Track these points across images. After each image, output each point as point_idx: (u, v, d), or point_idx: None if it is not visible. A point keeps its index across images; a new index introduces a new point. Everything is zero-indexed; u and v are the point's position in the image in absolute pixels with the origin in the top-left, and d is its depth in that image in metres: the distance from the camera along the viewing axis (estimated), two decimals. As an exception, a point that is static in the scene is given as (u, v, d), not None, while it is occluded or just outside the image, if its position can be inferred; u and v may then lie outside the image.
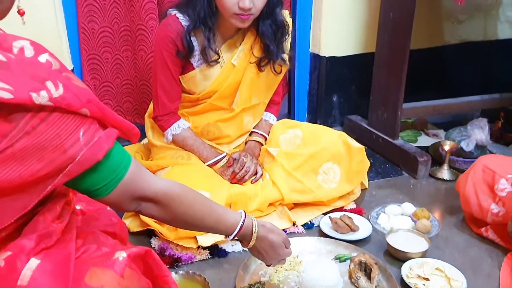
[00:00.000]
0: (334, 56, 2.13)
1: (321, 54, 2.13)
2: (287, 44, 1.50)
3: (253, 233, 0.99)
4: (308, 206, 1.48)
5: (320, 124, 2.19)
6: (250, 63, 1.47)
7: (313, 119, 2.26)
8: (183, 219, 0.88)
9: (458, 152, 1.80)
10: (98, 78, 1.83)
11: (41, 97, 0.60)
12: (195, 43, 1.39)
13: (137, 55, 1.82)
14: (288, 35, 1.48)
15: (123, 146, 0.79)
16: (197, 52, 1.40)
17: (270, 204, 1.43)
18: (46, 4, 1.63)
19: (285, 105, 2.28)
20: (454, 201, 1.52)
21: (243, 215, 0.97)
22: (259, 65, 1.47)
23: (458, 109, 2.06)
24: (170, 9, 1.40)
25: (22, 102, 0.59)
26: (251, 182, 1.45)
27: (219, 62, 1.43)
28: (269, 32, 1.41)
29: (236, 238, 0.96)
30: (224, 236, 0.97)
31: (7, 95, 0.58)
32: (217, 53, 1.40)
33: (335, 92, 2.21)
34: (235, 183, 1.44)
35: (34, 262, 0.69)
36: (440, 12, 2.26)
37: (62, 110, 0.63)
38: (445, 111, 2.05)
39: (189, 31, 1.35)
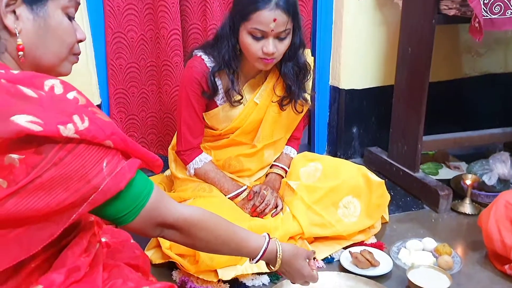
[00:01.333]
0: (353, 89, 2.16)
1: (340, 87, 2.16)
2: (309, 84, 1.54)
3: (278, 258, 0.99)
4: (328, 240, 1.48)
5: (340, 155, 2.23)
6: (272, 102, 1.51)
7: (333, 151, 2.28)
8: (205, 244, 0.90)
9: (480, 186, 1.78)
10: (124, 111, 1.90)
11: (68, 130, 0.65)
12: (219, 83, 1.44)
13: (162, 89, 1.89)
14: (310, 76, 1.53)
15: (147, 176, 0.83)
16: (221, 91, 1.45)
17: (290, 238, 1.43)
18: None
19: (305, 136, 2.30)
20: (477, 236, 1.50)
21: (267, 239, 0.98)
22: (281, 104, 1.51)
23: (479, 142, 2.04)
24: (196, 50, 1.46)
25: (51, 134, 0.64)
26: (271, 216, 1.46)
27: (242, 102, 1.48)
28: (291, 74, 1.45)
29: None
30: (248, 259, 0.98)
31: (37, 128, 0.62)
32: (240, 94, 1.45)
33: (355, 124, 2.23)
34: (256, 216, 1.46)
35: None
36: (459, 45, 2.28)
37: (87, 142, 0.67)
38: (466, 143, 2.04)
39: (214, 73, 1.41)
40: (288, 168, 1.63)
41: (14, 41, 0.73)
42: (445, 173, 2.04)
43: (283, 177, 1.60)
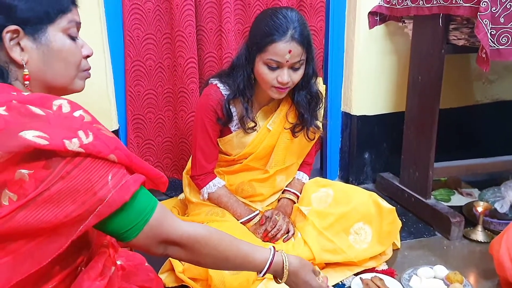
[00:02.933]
0: (365, 115, 2.19)
1: (352, 113, 2.20)
2: (321, 112, 1.59)
3: (285, 269, 0.99)
4: (339, 266, 1.49)
5: (352, 180, 2.25)
6: (284, 129, 1.55)
7: (345, 176, 2.30)
8: (210, 260, 0.90)
9: (492, 213, 1.78)
10: (141, 136, 1.96)
11: (73, 144, 0.68)
12: (233, 111, 1.49)
13: (178, 115, 1.96)
14: (322, 104, 1.57)
15: (161, 200, 0.85)
16: (235, 119, 1.50)
17: (301, 263, 1.45)
18: (99, 71, 1.80)
19: (317, 161, 2.33)
20: (489, 264, 1.49)
21: (272, 251, 0.98)
22: (293, 131, 1.56)
23: (491, 169, 2.04)
24: (212, 79, 1.52)
25: (57, 148, 0.67)
26: (283, 241, 1.49)
27: (255, 129, 1.52)
28: (304, 102, 1.50)
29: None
30: (256, 273, 0.97)
31: (43, 142, 0.66)
32: (254, 121, 1.50)
33: (366, 150, 2.25)
34: (268, 241, 1.49)
35: None
36: (470, 72, 2.31)
37: (93, 157, 0.71)
38: (478, 170, 2.04)
39: (229, 101, 1.46)
40: (300, 194, 1.66)
41: (22, 71, 0.79)
42: (457, 200, 2.04)
43: (294, 202, 1.63)
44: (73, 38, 0.85)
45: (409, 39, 1.96)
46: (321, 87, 1.59)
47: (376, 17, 2.05)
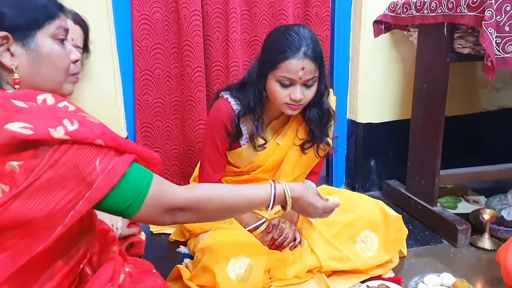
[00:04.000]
0: (370, 123, 2.20)
1: (358, 121, 2.21)
2: (332, 128, 1.58)
3: (287, 197, 1.04)
4: (346, 273, 1.50)
5: (358, 188, 2.26)
6: (294, 145, 1.55)
7: (351, 183, 2.31)
8: (218, 214, 0.94)
9: (499, 221, 1.78)
10: (149, 144, 1.99)
11: (58, 132, 0.70)
12: (243, 127, 1.50)
13: (185, 123, 1.99)
14: (333, 121, 1.56)
15: None
16: (245, 134, 1.51)
17: (309, 271, 1.46)
18: (109, 80, 1.84)
19: (324, 169, 2.33)
20: (496, 272, 1.49)
21: (273, 184, 1.02)
22: (303, 148, 1.55)
23: (498, 176, 2.04)
24: (223, 92, 1.52)
25: (42, 137, 0.69)
26: (289, 249, 1.49)
27: (265, 147, 1.51)
28: (315, 119, 1.50)
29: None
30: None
31: (28, 132, 0.68)
32: (264, 139, 1.49)
33: (372, 157, 2.26)
34: (275, 249, 1.49)
35: None
36: (476, 80, 2.31)
37: (79, 143, 0.72)
38: (484, 177, 2.05)
39: (239, 117, 1.46)
40: None
41: (12, 76, 0.81)
42: (464, 207, 2.04)
43: (301, 210, 1.64)
44: (62, 43, 0.87)
45: (414, 47, 1.97)
46: (332, 99, 1.58)
47: (381, 25, 2.06)
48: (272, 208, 1.01)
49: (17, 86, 0.82)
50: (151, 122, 1.97)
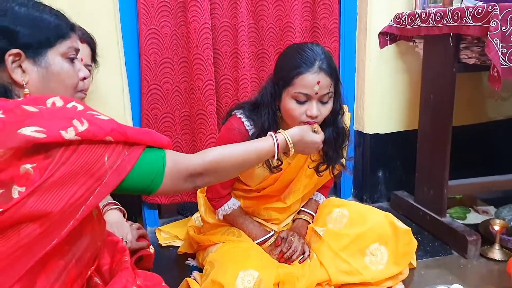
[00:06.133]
0: (377, 133, 2.20)
1: (364, 132, 2.21)
2: (346, 149, 1.56)
3: (288, 143, 1.16)
4: (355, 286, 1.48)
5: (366, 199, 2.25)
6: (309, 167, 1.52)
7: (359, 194, 2.30)
8: (233, 170, 1.02)
9: (510, 231, 1.77)
10: (158, 158, 1.99)
11: (69, 133, 0.74)
12: None
13: (196, 137, 1.98)
14: (348, 142, 1.53)
15: (176, 220, 0.89)
16: None
17: (318, 284, 1.46)
18: (117, 94, 1.86)
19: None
20: (507, 283, 1.48)
21: (273, 135, 1.12)
22: (318, 171, 1.52)
23: (507, 186, 2.03)
24: (235, 110, 1.49)
25: (54, 140, 0.73)
26: (298, 262, 1.49)
27: (282, 169, 1.47)
28: (330, 139, 1.45)
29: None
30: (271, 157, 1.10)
31: (41, 135, 0.72)
32: (280, 160, 1.42)
33: (380, 168, 2.26)
34: (283, 262, 1.49)
35: None
36: (483, 90, 2.31)
37: (88, 141, 0.76)
38: (493, 188, 2.03)
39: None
40: (315, 213, 1.67)
41: (23, 91, 0.85)
42: (473, 218, 2.03)
43: (309, 223, 1.64)
44: (71, 62, 0.91)
45: (420, 58, 1.98)
46: (347, 116, 1.55)
47: (387, 37, 2.08)
48: (278, 156, 1.12)
49: None
50: (159, 136, 1.98)
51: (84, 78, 0.96)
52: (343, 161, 1.56)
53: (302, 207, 1.68)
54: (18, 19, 0.84)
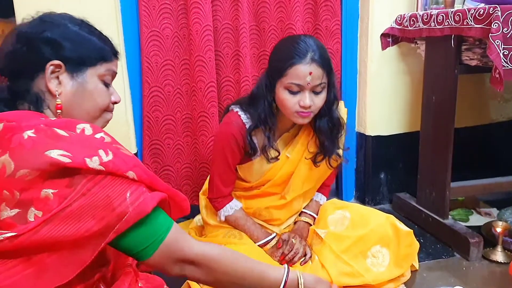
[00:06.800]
0: (379, 135, 2.20)
1: (366, 134, 2.21)
2: (342, 139, 1.57)
3: (300, 285, 1.00)
4: (357, 288, 1.49)
5: (368, 201, 2.25)
6: (305, 159, 1.54)
7: (361, 196, 2.30)
8: (226, 279, 0.92)
9: (512, 233, 1.76)
10: (159, 162, 1.99)
11: (93, 162, 0.74)
12: (255, 141, 1.49)
13: (198, 139, 1.97)
14: (344, 132, 1.55)
15: (178, 222, 0.88)
16: (256, 147, 1.50)
17: (319, 286, 1.45)
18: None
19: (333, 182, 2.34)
20: (510, 285, 1.48)
21: (286, 269, 0.99)
22: (315, 162, 1.54)
23: (509, 188, 2.03)
24: (232, 106, 1.52)
25: (78, 165, 0.73)
26: (300, 264, 1.49)
27: (279, 159, 1.50)
28: (325, 129, 1.48)
29: None
30: None
31: (66, 160, 0.72)
32: (277, 150, 1.48)
33: (382, 170, 2.25)
34: (285, 264, 1.48)
35: None
36: (485, 91, 2.31)
37: (112, 174, 0.76)
38: (495, 189, 2.03)
39: (251, 132, 1.45)
40: (317, 215, 1.66)
41: (55, 101, 0.87)
42: (476, 220, 2.02)
43: (311, 225, 1.63)
44: (107, 85, 0.94)
45: (422, 59, 1.98)
46: (343, 111, 1.58)
47: (389, 38, 2.08)
48: None
49: (59, 111, 0.87)
50: (161, 140, 1.97)
51: (115, 102, 0.97)
52: (340, 152, 1.57)
53: (303, 208, 1.67)
54: (67, 35, 0.88)
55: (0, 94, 0.85)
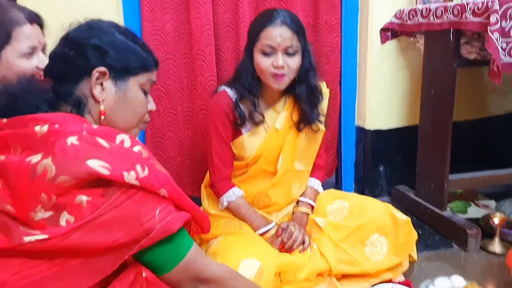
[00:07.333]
0: (379, 129, 2.22)
1: (366, 127, 2.23)
2: (323, 108, 1.63)
3: None
4: (356, 277, 1.51)
5: (367, 194, 2.27)
6: (290, 127, 1.60)
7: (360, 189, 2.32)
8: None
9: (510, 224, 1.78)
10: (161, 154, 2.02)
11: (130, 176, 0.77)
12: (243, 110, 1.55)
13: (198, 132, 2.01)
14: (322, 98, 1.62)
15: None
16: (245, 117, 1.56)
17: (319, 275, 1.48)
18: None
19: (333, 176, 2.36)
20: (507, 276, 1.50)
21: None
22: (298, 127, 1.60)
23: (507, 180, 2.04)
24: (219, 87, 1.62)
25: (116, 178, 0.76)
26: (299, 251, 1.51)
27: (264, 121, 1.58)
28: (304, 95, 1.55)
29: None
30: None
31: (105, 172, 0.75)
32: (262, 115, 1.57)
33: (381, 163, 2.27)
34: (284, 251, 1.51)
35: None
36: (484, 85, 2.33)
37: (145, 190, 0.79)
38: (494, 182, 2.05)
39: (238, 102, 1.54)
40: (314, 203, 1.69)
41: (97, 106, 0.90)
42: (474, 212, 2.05)
43: (309, 214, 1.65)
44: (146, 93, 0.97)
45: (421, 53, 2.00)
46: (325, 88, 1.65)
47: (388, 32, 2.09)
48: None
49: (102, 117, 0.90)
50: (163, 133, 2.00)
51: (151, 111, 1.00)
52: (322, 119, 1.63)
53: (300, 196, 1.69)
54: (114, 43, 0.91)
55: (46, 95, 0.87)
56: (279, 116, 1.60)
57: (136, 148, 0.82)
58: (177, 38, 1.93)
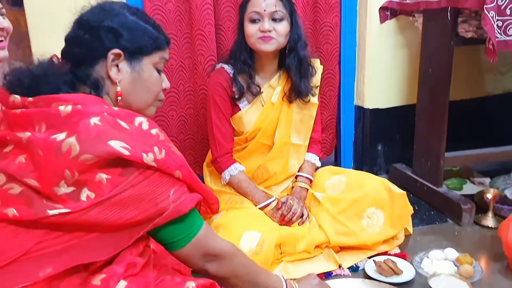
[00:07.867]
0: (377, 108, 2.25)
1: (365, 106, 2.26)
2: (315, 82, 1.68)
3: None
4: (353, 249, 1.57)
5: (366, 171, 2.29)
6: (282, 99, 1.66)
7: (359, 168, 2.36)
8: (242, 272, 1.03)
9: (503, 200, 1.83)
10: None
11: (148, 157, 0.81)
12: (240, 82, 1.62)
13: (199, 112, 2.05)
14: (315, 72, 1.67)
15: None
16: (243, 90, 1.62)
17: (317, 247, 1.54)
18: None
19: (332, 155, 2.40)
20: (499, 248, 1.55)
21: (283, 280, 1.11)
22: (289, 99, 1.65)
23: (502, 158, 2.09)
24: (217, 64, 1.68)
25: (135, 159, 0.80)
26: (298, 224, 1.57)
27: (262, 92, 1.64)
28: (293, 65, 1.60)
29: None
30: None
31: (126, 152, 0.79)
32: (258, 86, 1.63)
33: (379, 142, 2.31)
34: (284, 224, 1.57)
35: (122, 284, 0.87)
36: (481, 64, 2.35)
37: (162, 171, 0.83)
38: (489, 159, 2.10)
39: (236, 76, 1.60)
40: (312, 177, 1.73)
41: (114, 88, 0.93)
42: (470, 189, 2.09)
43: (307, 189, 1.70)
44: (159, 72, 1.00)
45: (420, 32, 2.01)
46: (318, 65, 1.71)
47: (387, 11, 2.11)
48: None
49: (119, 98, 0.93)
50: (165, 112, 2.03)
51: (165, 89, 1.03)
52: (314, 92, 1.68)
53: (298, 171, 1.74)
54: (126, 24, 0.92)
55: (65, 77, 0.89)
56: (275, 91, 1.65)
57: (154, 131, 0.86)
58: (178, 18, 1.95)
